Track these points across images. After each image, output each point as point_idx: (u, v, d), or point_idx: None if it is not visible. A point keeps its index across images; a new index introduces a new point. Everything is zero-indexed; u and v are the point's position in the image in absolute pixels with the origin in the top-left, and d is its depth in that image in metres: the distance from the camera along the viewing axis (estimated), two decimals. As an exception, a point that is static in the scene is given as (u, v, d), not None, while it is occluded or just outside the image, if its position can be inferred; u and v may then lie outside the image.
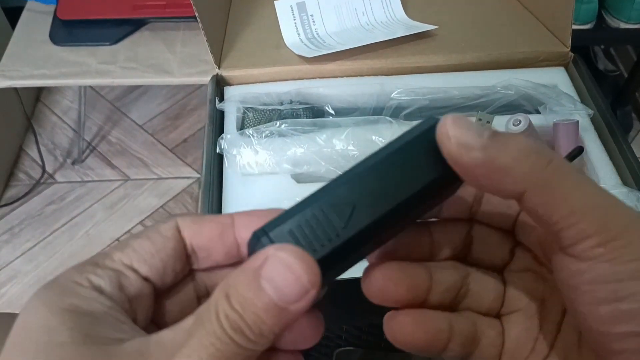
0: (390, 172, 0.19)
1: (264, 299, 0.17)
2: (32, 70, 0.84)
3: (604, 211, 0.17)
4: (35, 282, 1.05)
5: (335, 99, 0.54)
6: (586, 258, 0.17)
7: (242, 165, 0.48)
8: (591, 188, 0.17)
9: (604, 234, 0.17)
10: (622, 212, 0.17)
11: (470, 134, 0.18)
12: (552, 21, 0.58)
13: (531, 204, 0.18)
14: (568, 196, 0.17)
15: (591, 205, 0.17)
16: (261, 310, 0.17)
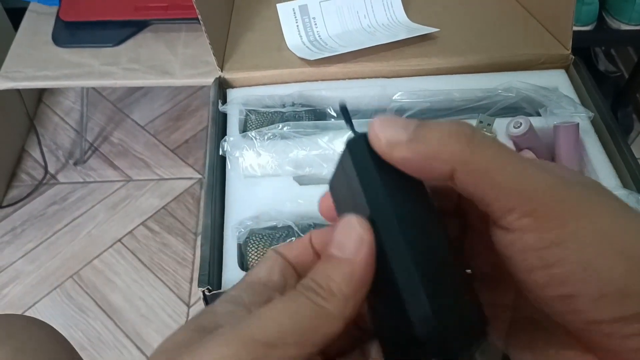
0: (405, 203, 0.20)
1: (329, 258, 0.19)
2: (34, 71, 0.84)
3: (525, 182, 0.18)
4: (37, 282, 1.05)
5: (337, 101, 0.54)
6: (514, 229, 0.18)
7: (245, 167, 0.48)
8: (512, 160, 0.18)
9: (526, 204, 0.18)
10: (543, 180, 0.18)
11: (396, 130, 0.19)
12: (553, 24, 0.58)
13: (460, 183, 0.19)
14: (490, 171, 0.18)
15: (512, 177, 0.18)
16: (328, 268, 0.19)
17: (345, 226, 0.20)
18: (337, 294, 0.19)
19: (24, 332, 0.45)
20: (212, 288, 0.40)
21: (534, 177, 0.18)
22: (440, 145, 0.18)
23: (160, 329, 1.00)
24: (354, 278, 0.19)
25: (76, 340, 0.97)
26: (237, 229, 0.44)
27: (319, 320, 0.18)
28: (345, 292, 0.19)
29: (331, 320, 0.18)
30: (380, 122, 0.20)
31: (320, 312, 0.18)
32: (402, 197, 0.20)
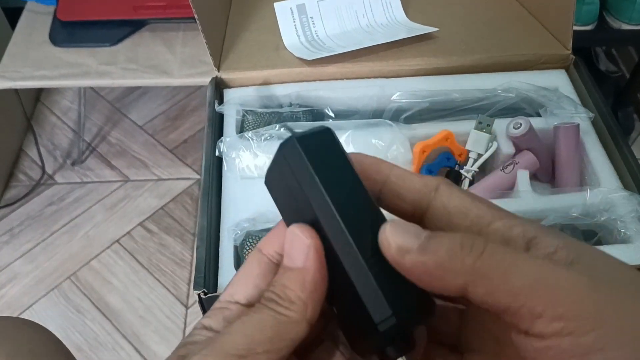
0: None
1: (283, 269, 0.21)
2: (32, 71, 0.84)
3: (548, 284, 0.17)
4: (35, 283, 1.05)
5: (335, 102, 0.53)
6: (547, 335, 0.17)
7: (241, 168, 0.48)
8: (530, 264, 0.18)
9: (555, 308, 0.17)
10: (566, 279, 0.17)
11: (408, 237, 0.19)
12: (553, 24, 0.58)
13: (476, 296, 0.18)
14: (508, 280, 0.17)
15: (533, 282, 0.17)
16: (283, 278, 0.21)
17: (290, 237, 0.21)
18: (296, 301, 0.20)
19: (18, 335, 0.44)
20: (208, 290, 0.40)
21: (556, 277, 0.17)
22: (451, 257, 0.18)
23: (158, 330, 0.99)
24: (307, 284, 0.20)
25: (73, 341, 0.97)
26: (233, 230, 0.44)
27: (284, 327, 0.20)
28: (303, 298, 0.20)
29: (295, 325, 0.20)
30: (392, 227, 0.20)
31: (283, 320, 0.20)
32: (343, 195, 0.21)
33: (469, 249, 0.18)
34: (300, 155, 0.21)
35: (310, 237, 0.21)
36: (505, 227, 0.20)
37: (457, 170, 0.49)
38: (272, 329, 0.20)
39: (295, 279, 0.21)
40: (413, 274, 0.19)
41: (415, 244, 0.19)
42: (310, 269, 0.21)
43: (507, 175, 0.48)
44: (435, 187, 0.22)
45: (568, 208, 0.44)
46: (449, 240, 0.19)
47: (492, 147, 0.49)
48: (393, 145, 0.48)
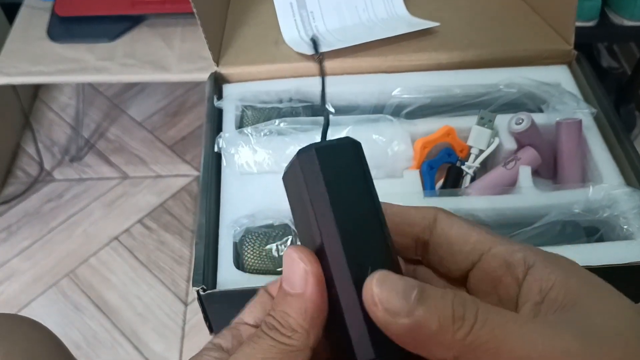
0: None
1: (283, 294, 0.20)
2: (29, 67, 0.83)
3: (537, 355, 0.17)
4: (33, 280, 1.04)
5: (336, 97, 0.53)
6: None
7: (241, 164, 0.47)
8: (520, 337, 0.17)
9: None
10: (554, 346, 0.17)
11: (396, 299, 0.18)
12: (555, 19, 0.57)
13: None
14: (498, 356, 0.17)
15: (523, 355, 0.17)
16: (284, 304, 0.20)
17: (289, 260, 0.20)
18: (298, 329, 0.20)
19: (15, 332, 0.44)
20: (207, 287, 0.39)
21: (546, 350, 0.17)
22: (442, 329, 0.17)
23: (157, 327, 0.99)
24: (308, 312, 0.20)
25: (72, 339, 0.96)
26: (232, 227, 0.43)
27: (287, 356, 0.20)
28: (305, 326, 0.20)
29: (298, 353, 0.20)
30: (378, 284, 0.18)
31: (286, 348, 0.20)
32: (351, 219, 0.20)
33: (461, 320, 0.17)
34: (316, 168, 0.20)
35: (309, 262, 0.20)
36: (506, 252, 0.21)
37: (459, 166, 0.48)
38: (276, 358, 0.20)
39: (296, 306, 0.20)
40: (398, 339, 0.18)
41: (405, 307, 0.18)
42: (311, 296, 0.20)
43: (509, 171, 0.47)
44: (433, 218, 0.23)
45: (570, 204, 0.44)
46: (441, 307, 0.18)
47: (493, 143, 0.48)
48: (394, 140, 0.47)
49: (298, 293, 0.20)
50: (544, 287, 0.19)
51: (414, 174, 0.47)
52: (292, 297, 0.20)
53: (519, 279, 0.20)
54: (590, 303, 0.19)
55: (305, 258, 0.20)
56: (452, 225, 0.22)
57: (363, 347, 0.19)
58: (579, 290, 0.19)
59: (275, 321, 0.20)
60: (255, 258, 0.42)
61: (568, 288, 0.19)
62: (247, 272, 0.42)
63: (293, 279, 0.20)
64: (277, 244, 0.42)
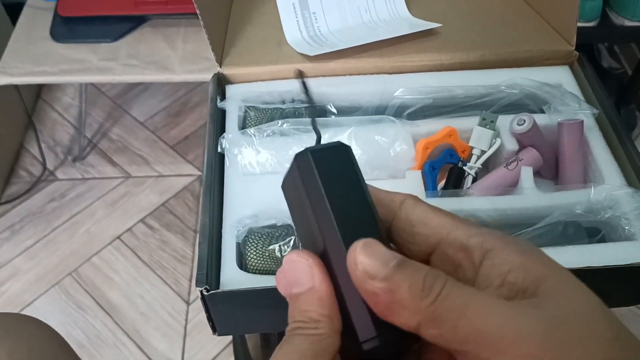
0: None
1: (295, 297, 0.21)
2: (32, 67, 0.84)
3: (495, 332, 0.18)
4: (36, 279, 1.05)
5: (338, 98, 0.53)
6: None
7: (244, 165, 0.47)
8: (479, 310, 0.18)
9: (515, 350, 0.18)
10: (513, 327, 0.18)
11: (376, 263, 0.19)
12: (557, 20, 0.57)
13: (427, 335, 0.19)
14: (457, 327, 0.18)
15: (481, 329, 0.18)
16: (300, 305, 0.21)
17: (291, 264, 0.22)
18: (320, 318, 0.21)
19: (20, 331, 0.44)
20: (210, 287, 0.40)
21: (503, 325, 0.18)
22: (412, 296, 0.19)
23: (159, 326, 0.99)
24: (323, 299, 0.21)
25: (75, 338, 0.97)
26: (235, 227, 0.44)
27: (319, 345, 0.20)
28: (325, 313, 0.21)
29: (329, 340, 0.21)
30: (363, 248, 0.20)
31: (317, 338, 0.21)
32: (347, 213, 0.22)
33: (429, 289, 0.19)
34: (312, 170, 0.22)
35: (309, 257, 0.21)
36: (464, 236, 0.21)
37: (460, 167, 0.48)
38: (310, 350, 0.20)
39: (310, 300, 0.21)
40: (369, 299, 0.20)
41: (382, 272, 0.19)
42: (322, 285, 0.21)
43: (510, 172, 0.47)
44: (400, 202, 0.23)
45: (572, 205, 0.44)
46: (414, 276, 0.19)
47: (495, 144, 0.49)
48: (396, 141, 0.48)
49: (308, 288, 0.21)
50: (502, 270, 0.20)
51: (416, 175, 0.47)
52: (303, 294, 0.21)
53: (476, 263, 0.21)
54: (551, 286, 0.19)
55: (305, 255, 0.21)
56: (415, 209, 0.23)
57: (365, 327, 0.20)
58: (539, 273, 0.19)
59: (298, 322, 0.21)
60: (258, 258, 0.42)
61: (527, 271, 0.20)
62: (250, 273, 0.42)
63: (299, 279, 0.21)
64: (280, 244, 0.42)
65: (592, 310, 0.19)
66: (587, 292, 0.19)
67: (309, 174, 0.22)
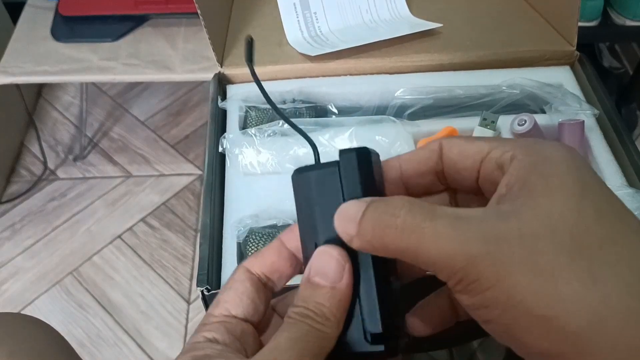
0: None
1: (314, 285, 0.22)
2: (33, 66, 0.84)
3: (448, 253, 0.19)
4: (37, 279, 1.05)
5: (339, 98, 0.53)
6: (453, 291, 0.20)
7: (244, 165, 0.47)
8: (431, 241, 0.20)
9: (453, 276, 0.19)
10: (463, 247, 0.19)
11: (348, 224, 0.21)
12: (557, 20, 0.57)
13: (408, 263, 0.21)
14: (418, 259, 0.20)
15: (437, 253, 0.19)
16: (316, 295, 0.22)
17: (325, 255, 0.22)
18: (331, 317, 0.22)
19: (20, 331, 0.44)
20: (211, 287, 0.40)
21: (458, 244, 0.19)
22: (376, 238, 0.20)
23: (160, 325, 0.99)
24: (342, 302, 0.22)
25: (75, 337, 0.97)
26: (236, 227, 0.44)
27: (322, 342, 0.21)
28: (338, 315, 0.22)
29: (330, 339, 0.22)
30: (337, 215, 0.22)
31: (320, 335, 0.21)
32: None
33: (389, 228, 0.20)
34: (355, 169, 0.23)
35: (347, 260, 0.22)
36: (499, 154, 0.22)
37: (461, 167, 0.48)
38: (314, 345, 0.21)
39: (330, 297, 0.22)
40: (363, 249, 0.21)
41: (354, 230, 0.21)
42: (347, 289, 0.22)
43: (511, 172, 0.47)
44: (439, 148, 0.24)
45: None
46: (372, 221, 0.21)
47: (496, 144, 0.49)
48: (397, 142, 0.48)
49: (333, 285, 0.22)
50: (511, 181, 0.21)
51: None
52: (324, 288, 0.22)
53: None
54: (531, 200, 0.20)
55: (344, 256, 0.22)
56: (451, 148, 0.24)
57: (373, 322, 0.22)
58: (533, 186, 0.20)
59: (309, 311, 0.22)
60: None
61: (525, 181, 0.20)
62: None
63: (328, 272, 0.22)
64: (281, 245, 0.42)
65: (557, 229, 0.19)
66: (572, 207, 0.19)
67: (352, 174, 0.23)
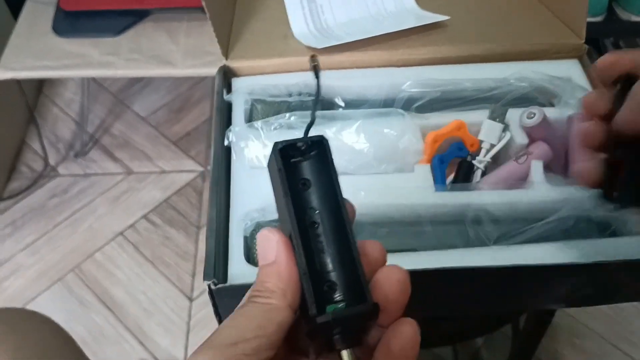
0: None
1: (260, 269, 0.24)
2: (34, 61, 0.83)
3: None
4: (38, 275, 1.04)
5: (345, 91, 0.52)
6: None
7: (250, 158, 0.47)
8: None
9: None
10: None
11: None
12: (566, 13, 0.57)
13: None
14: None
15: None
16: (261, 275, 0.24)
17: (261, 239, 0.24)
18: (275, 289, 0.23)
19: (25, 326, 0.44)
20: (218, 281, 0.39)
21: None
22: None
23: (162, 322, 0.99)
24: (282, 274, 0.23)
25: (77, 334, 0.97)
26: (243, 221, 0.43)
27: (269, 314, 0.22)
28: (281, 287, 0.23)
29: (279, 311, 0.23)
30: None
31: (267, 307, 0.23)
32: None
33: None
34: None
35: (277, 234, 0.24)
36: None
37: (470, 160, 0.48)
38: (258, 317, 0.22)
39: (271, 272, 0.23)
40: None
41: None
42: (282, 260, 0.23)
43: (520, 165, 0.47)
44: None
45: (582, 199, 0.43)
46: None
47: (505, 138, 0.48)
48: (405, 135, 0.47)
49: (271, 262, 0.23)
50: None
51: (425, 168, 0.46)
52: (267, 267, 0.24)
53: None
54: None
55: (273, 231, 0.24)
56: None
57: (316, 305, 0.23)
58: None
59: (256, 291, 0.23)
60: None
61: None
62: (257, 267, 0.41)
63: (266, 253, 0.24)
64: (288, 238, 0.42)
65: None
66: None
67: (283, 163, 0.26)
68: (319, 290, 0.24)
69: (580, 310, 0.96)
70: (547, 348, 0.92)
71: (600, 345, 0.94)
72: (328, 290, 0.24)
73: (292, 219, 0.24)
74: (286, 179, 0.25)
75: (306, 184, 0.26)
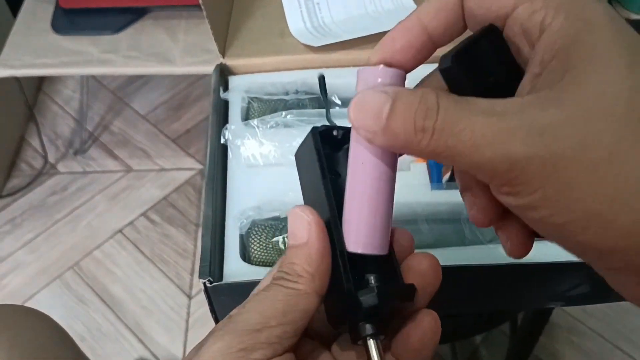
0: None
1: (288, 249, 0.22)
2: (33, 59, 0.83)
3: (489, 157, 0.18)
4: (37, 273, 1.05)
5: (342, 89, 0.52)
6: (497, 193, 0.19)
7: (247, 156, 0.47)
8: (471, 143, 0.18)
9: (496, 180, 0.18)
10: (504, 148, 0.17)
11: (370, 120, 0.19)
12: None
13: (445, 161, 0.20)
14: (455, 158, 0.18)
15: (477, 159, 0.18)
16: (290, 256, 0.22)
17: (293, 217, 0.22)
18: (303, 274, 0.21)
19: (20, 322, 0.44)
20: (213, 279, 0.39)
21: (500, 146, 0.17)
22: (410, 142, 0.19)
23: (160, 320, 0.99)
24: (313, 257, 0.22)
25: (76, 331, 0.97)
26: (238, 219, 0.43)
27: (294, 300, 0.21)
28: (310, 271, 0.21)
29: (305, 297, 0.21)
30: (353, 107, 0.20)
31: (293, 292, 0.21)
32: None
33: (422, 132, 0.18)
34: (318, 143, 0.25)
35: (310, 213, 0.22)
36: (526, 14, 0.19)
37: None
38: (283, 302, 0.21)
39: (301, 254, 0.22)
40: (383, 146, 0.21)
41: (378, 126, 0.19)
42: (315, 242, 0.22)
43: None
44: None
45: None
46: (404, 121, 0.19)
47: (501, 136, 0.48)
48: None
49: (302, 243, 0.22)
50: (546, 57, 0.18)
51: (421, 167, 0.46)
52: (296, 247, 0.22)
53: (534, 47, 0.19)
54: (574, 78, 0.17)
55: (307, 211, 0.22)
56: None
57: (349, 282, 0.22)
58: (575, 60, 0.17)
59: (283, 272, 0.22)
60: (262, 250, 0.42)
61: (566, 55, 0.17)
62: (253, 265, 0.41)
63: (297, 232, 0.22)
64: (284, 237, 0.42)
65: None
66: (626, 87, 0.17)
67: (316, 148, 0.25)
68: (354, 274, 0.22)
69: (578, 309, 0.97)
70: (546, 347, 0.93)
71: (599, 344, 0.94)
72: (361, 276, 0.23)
73: (330, 200, 0.23)
74: (325, 161, 0.24)
75: (337, 175, 0.25)
